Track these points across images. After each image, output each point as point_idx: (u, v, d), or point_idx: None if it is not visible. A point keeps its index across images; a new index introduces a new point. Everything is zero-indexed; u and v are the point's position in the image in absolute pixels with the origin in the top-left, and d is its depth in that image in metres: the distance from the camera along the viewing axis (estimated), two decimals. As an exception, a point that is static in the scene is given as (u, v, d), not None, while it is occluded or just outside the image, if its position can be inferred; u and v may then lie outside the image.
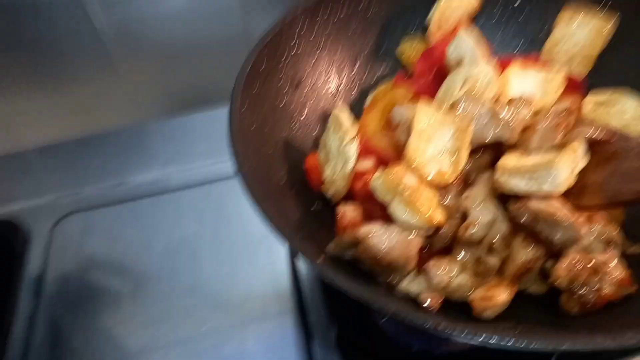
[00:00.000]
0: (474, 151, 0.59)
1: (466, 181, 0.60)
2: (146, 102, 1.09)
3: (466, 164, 0.58)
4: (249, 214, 0.85)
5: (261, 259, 0.79)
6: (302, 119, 0.75)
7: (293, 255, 0.79)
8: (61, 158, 0.98)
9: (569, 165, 0.50)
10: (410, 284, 0.54)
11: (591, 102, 0.65)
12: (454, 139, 0.58)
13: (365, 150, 0.66)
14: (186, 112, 1.05)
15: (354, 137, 0.64)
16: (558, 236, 0.49)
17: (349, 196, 0.66)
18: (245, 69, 0.67)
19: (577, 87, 0.72)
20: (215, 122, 1.02)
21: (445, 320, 0.45)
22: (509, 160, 0.55)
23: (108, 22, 0.95)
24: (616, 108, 0.63)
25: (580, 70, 0.73)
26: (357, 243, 0.54)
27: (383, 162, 0.63)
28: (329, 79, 0.79)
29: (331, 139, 0.67)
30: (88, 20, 0.94)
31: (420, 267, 0.56)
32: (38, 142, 1.00)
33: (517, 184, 0.51)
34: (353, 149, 0.63)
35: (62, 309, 0.77)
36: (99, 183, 0.94)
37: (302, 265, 0.78)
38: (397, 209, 0.54)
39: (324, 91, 0.78)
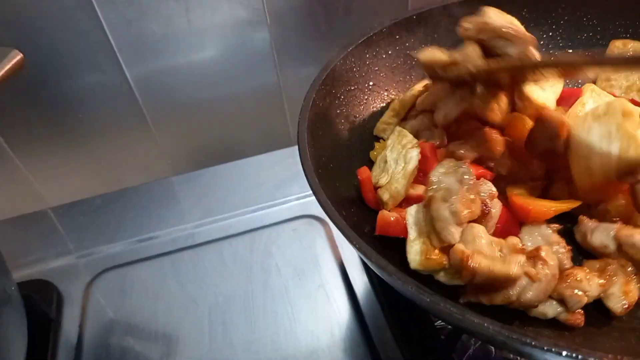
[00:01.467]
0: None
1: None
2: (176, 154, 1.06)
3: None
4: (300, 261, 0.81)
5: (321, 309, 0.73)
6: (359, 156, 0.72)
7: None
8: (90, 214, 0.92)
9: None
10: (545, 308, 0.51)
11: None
12: None
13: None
14: (215, 163, 1.02)
15: (417, 143, 0.62)
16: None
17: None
18: (308, 105, 0.65)
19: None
20: (246, 171, 0.99)
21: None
22: None
23: (138, 73, 0.93)
24: None
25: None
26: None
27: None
28: (381, 114, 0.77)
29: (391, 153, 0.65)
30: (120, 72, 0.92)
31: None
32: (65, 199, 0.94)
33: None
34: (415, 152, 0.62)
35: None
36: (132, 237, 0.87)
37: (368, 309, 0.72)
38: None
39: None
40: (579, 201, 0.58)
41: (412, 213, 0.58)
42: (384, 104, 0.78)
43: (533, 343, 0.39)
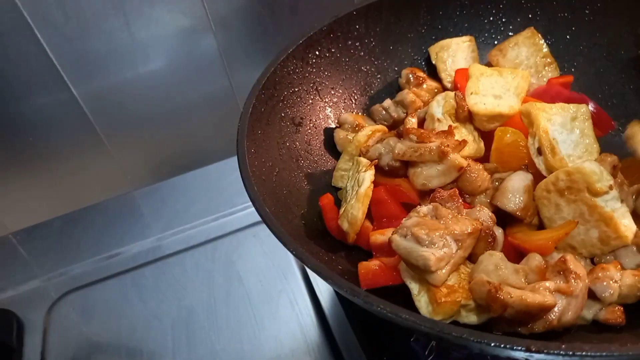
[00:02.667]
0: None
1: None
2: (134, 169, 1.05)
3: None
4: (262, 267, 0.81)
5: (284, 313, 0.73)
6: (309, 157, 0.72)
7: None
8: (50, 237, 0.91)
9: None
10: (582, 312, 0.49)
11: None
12: None
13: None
14: (176, 174, 1.01)
15: (370, 165, 0.61)
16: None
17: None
18: (247, 112, 0.65)
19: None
20: (207, 179, 0.99)
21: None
22: None
23: (86, 91, 0.92)
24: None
25: (554, 73, 0.75)
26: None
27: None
28: (328, 115, 0.77)
29: (349, 181, 0.64)
30: (67, 91, 0.91)
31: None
32: (23, 224, 0.93)
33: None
34: (368, 174, 0.60)
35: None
36: (92, 257, 0.87)
37: (331, 310, 0.72)
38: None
39: (326, 127, 0.76)
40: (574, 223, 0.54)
41: (403, 268, 0.53)
42: (331, 104, 0.77)
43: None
